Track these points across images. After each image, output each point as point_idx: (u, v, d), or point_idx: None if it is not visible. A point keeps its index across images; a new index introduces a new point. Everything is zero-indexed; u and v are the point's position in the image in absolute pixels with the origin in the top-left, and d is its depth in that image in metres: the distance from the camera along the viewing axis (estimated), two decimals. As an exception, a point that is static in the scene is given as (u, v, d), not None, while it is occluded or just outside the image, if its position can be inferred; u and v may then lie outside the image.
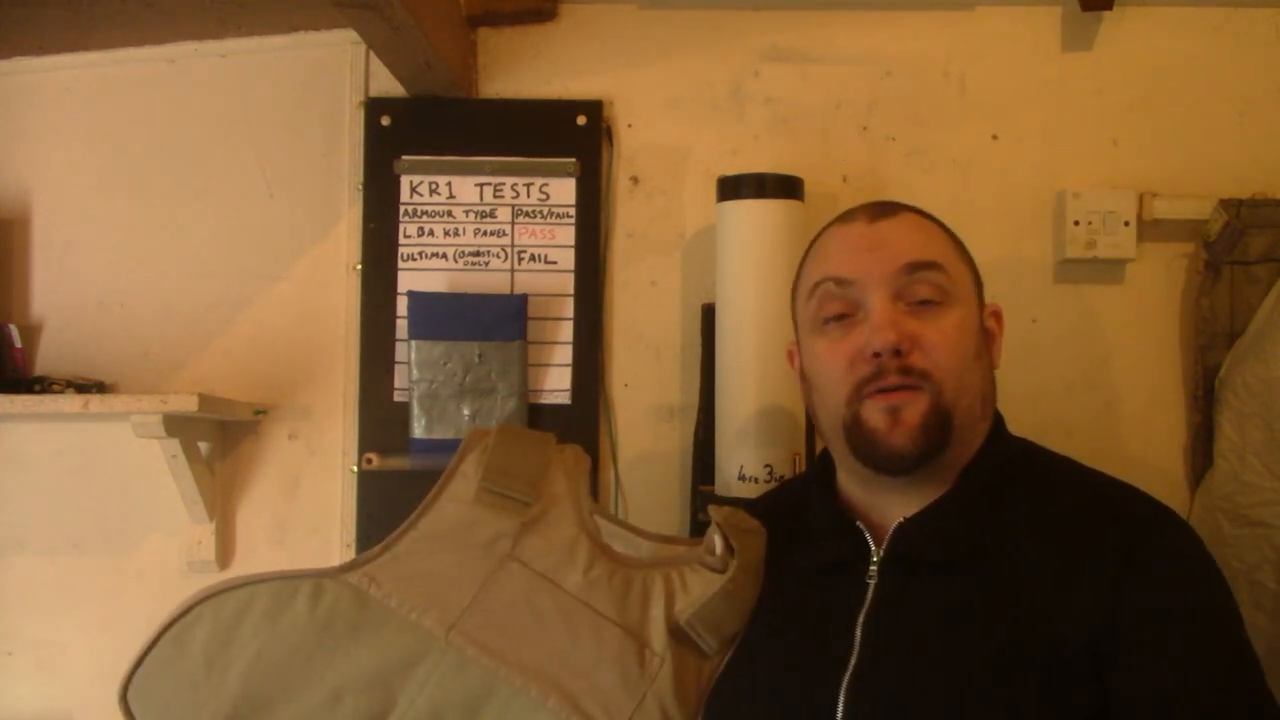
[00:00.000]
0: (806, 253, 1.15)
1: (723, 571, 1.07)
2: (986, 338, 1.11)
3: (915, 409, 1.03)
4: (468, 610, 1.05)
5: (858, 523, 1.08)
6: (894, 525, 1.05)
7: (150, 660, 1.04)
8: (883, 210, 1.10)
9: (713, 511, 1.11)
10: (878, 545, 1.06)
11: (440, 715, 1.02)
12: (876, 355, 1.03)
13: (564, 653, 1.04)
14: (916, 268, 1.05)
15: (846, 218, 1.12)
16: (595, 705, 1.02)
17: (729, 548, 1.08)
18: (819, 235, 1.15)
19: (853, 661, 1.00)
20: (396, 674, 1.03)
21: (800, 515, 1.14)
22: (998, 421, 1.12)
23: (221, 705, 1.03)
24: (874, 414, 1.04)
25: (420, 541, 1.09)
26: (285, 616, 1.04)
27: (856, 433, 1.05)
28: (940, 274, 1.06)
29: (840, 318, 1.07)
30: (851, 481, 1.12)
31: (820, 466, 1.17)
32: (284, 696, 1.03)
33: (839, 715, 0.98)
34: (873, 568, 1.05)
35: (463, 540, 1.08)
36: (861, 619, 1.02)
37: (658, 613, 1.06)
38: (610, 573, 1.08)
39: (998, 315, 1.14)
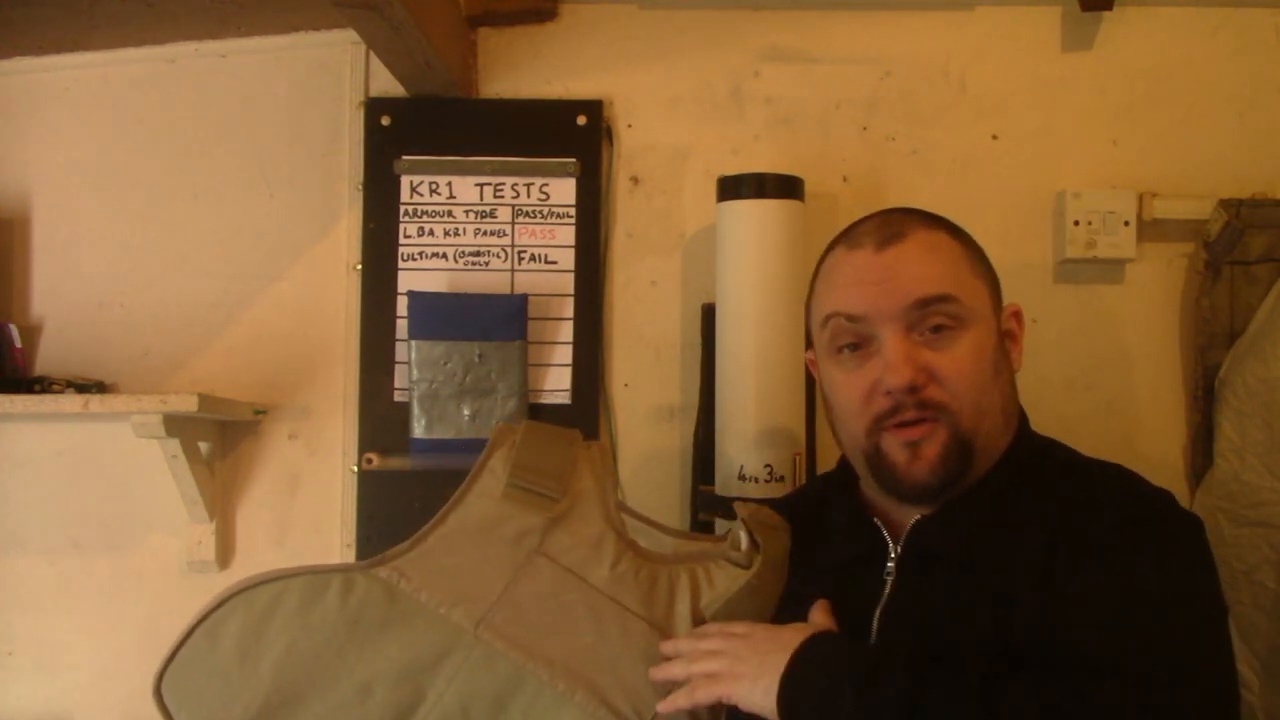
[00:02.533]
0: (817, 271, 1.14)
1: (748, 567, 1.08)
2: (1007, 340, 1.11)
3: (935, 441, 1.03)
4: (496, 605, 1.06)
5: (875, 520, 1.09)
6: (911, 523, 1.06)
7: (184, 653, 1.05)
8: (891, 233, 1.07)
9: (738, 508, 1.11)
10: (895, 542, 1.06)
11: (468, 709, 1.03)
12: (891, 392, 1.03)
13: (591, 647, 1.05)
14: (927, 303, 1.04)
15: (854, 240, 1.10)
16: (622, 699, 1.03)
17: (754, 543, 1.09)
18: (828, 254, 1.13)
19: None
20: (426, 668, 1.04)
21: (822, 513, 1.15)
22: (1022, 423, 1.12)
23: (254, 698, 1.03)
24: (894, 448, 1.04)
25: (449, 537, 1.10)
26: (316, 610, 1.05)
27: (878, 464, 1.06)
28: (952, 305, 1.04)
29: (855, 347, 1.07)
30: (872, 488, 1.12)
31: (843, 467, 1.18)
32: (315, 689, 1.04)
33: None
34: (890, 564, 1.06)
35: (491, 535, 1.09)
36: (878, 614, 1.03)
37: (683, 607, 1.06)
38: (636, 568, 1.08)
39: (1018, 316, 1.13)
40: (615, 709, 1.03)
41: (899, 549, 1.06)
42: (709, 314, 1.62)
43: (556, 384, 1.67)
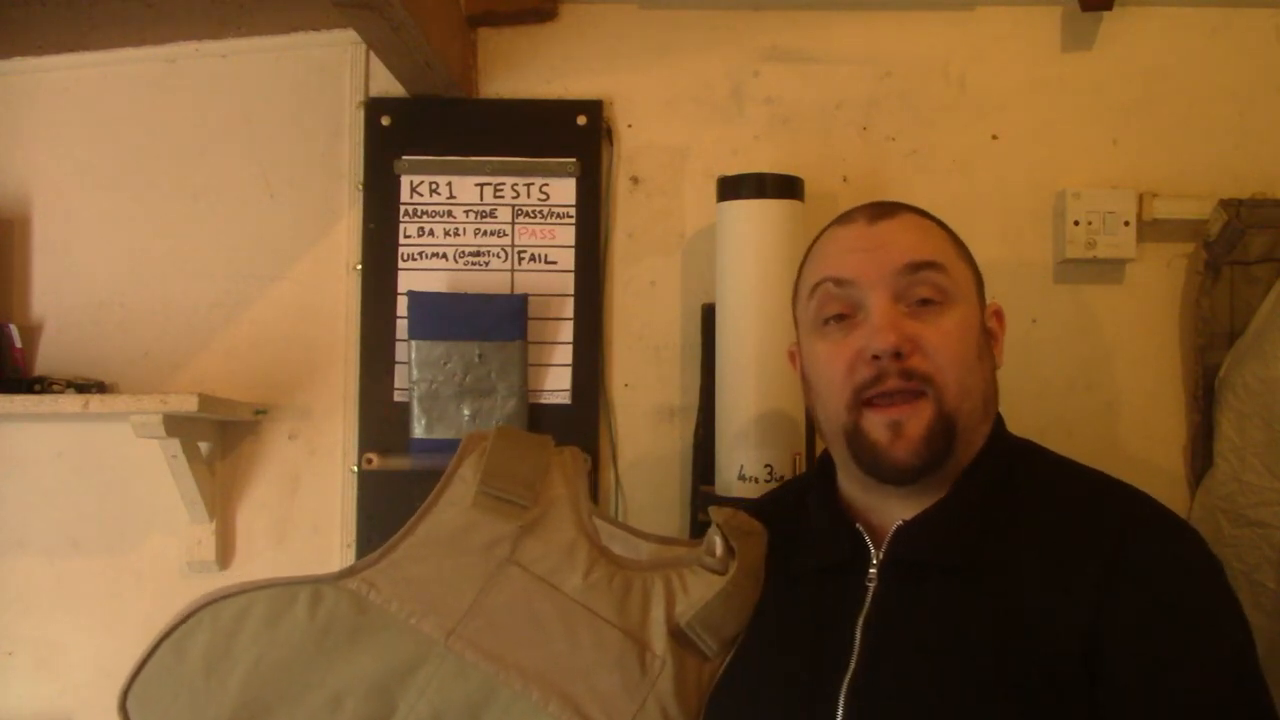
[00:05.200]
0: (807, 253, 1.15)
1: (723, 573, 1.07)
2: (989, 337, 1.11)
3: (918, 421, 1.02)
4: (467, 614, 1.05)
5: (857, 525, 1.08)
6: (893, 528, 1.05)
7: (149, 668, 1.04)
8: (882, 211, 1.10)
9: (713, 513, 1.10)
10: (877, 548, 1.05)
11: None
12: (876, 358, 1.03)
13: (564, 656, 1.04)
14: (916, 268, 1.04)
15: (846, 218, 1.12)
16: (596, 708, 1.02)
17: (729, 549, 1.08)
18: (819, 236, 1.14)
19: (852, 664, 1.00)
20: (396, 679, 1.03)
21: (800, 517, 1.14)
22: (998, 422, 1.11)
23: (221, 711, 1.02)
24: (875, 427, 1.03)
25: (419, 546, 1.09)
26: (284, 622, 1.04)
27: (858, 443, 1.05)
28: (940, 274, 1.05)
29: (840, 318, 1.07)
30: (851, 484, 1.11)
31: (820, 468, 1.17)
32: (284, 702, 1.03)
33: (838, 717, 0.98)
34: (872, 570, 1.04)
35: (461, 544, 1.08)
36: (860, 621, 1.02)
37: (658, 615, 1.06)
38: (610, 575, 1.07)
39: (999, 315, 1.14)
40: (589, 718, 1.02)
41: (881, 555, 1.05)
42: (709, 314, 1.62)
43: (556, 384, 1.67)
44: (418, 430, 1.63)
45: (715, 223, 1.59)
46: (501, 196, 1.69)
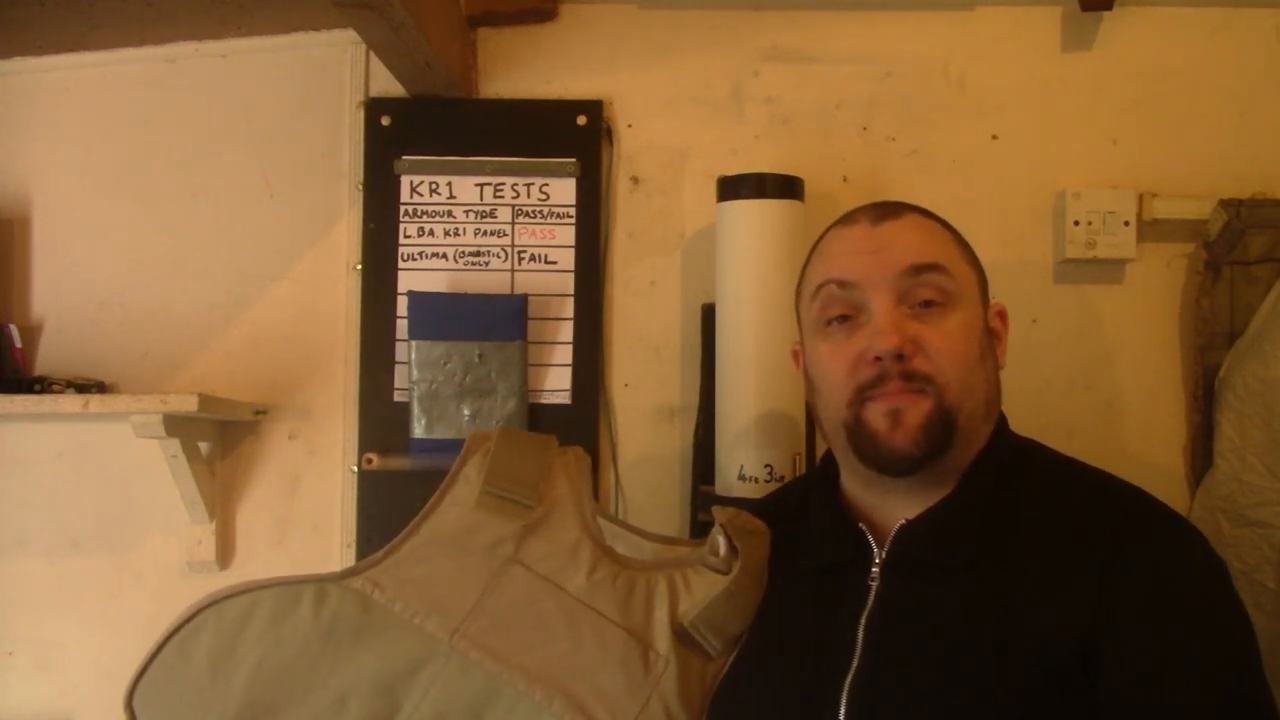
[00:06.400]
0: (810, 254, 1.15)
1: (726, 573, 1.07)
2: (991, 338, 1.11)
3: (918, 411, 1.02)
4: (471, 614, 1.05)
5: (860, 525, 1.08)
6: (895, 527, 1.05)
7: (154, 667, 1.04)
8: (886, 212, 1.10)
9: (716, 513, 1.10)
10: (879, 547, 1.05)
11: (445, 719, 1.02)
12: (879, 359, 1.03)
13: (568, 656, 1.04)
14: (919, 270, 1.05)
15: (849, 219, 1.12)
16: (600, 708, 1.02)
17: (733, 549, 1.08)
18: (822, 236, 1.14)
19: (855, 663, 1.00)
20: (401, 679, 1.03)
21: (803, 517, 1.14)
22: (1001, 422, 1.11)
23: (226, 711, 1.03)
24: (875, 416, 1.04)
25: (423, 546, 1.09)
26: (289, 622, 1.04)
27: (857, 434, 1.05)
28: (943, 276, 1.05)
29: (843, 319, 1.07)
30: (854, 483, 1.12)
31: (823, 468, 1.17)
32: (289, 701, 1.03)
33: (841, 717, 0.98)
34: (874, 570, 1.05)
35: (465, 544, 1.08)
36: (863, 621, 1.02)
37: (661, 614, 1.06)
38: (613, 575, 1.08)
39: (1003, 315, 1.14)
40: (593, 717, 1.02)
41: (884, 554, 1.05)
42: (709, 314, 1.62)
43: (556, 384, 1.67)
44: (418, 430, 1.63)
45: (715, 223, 1.59)
46: (501, 196, 1.69)
